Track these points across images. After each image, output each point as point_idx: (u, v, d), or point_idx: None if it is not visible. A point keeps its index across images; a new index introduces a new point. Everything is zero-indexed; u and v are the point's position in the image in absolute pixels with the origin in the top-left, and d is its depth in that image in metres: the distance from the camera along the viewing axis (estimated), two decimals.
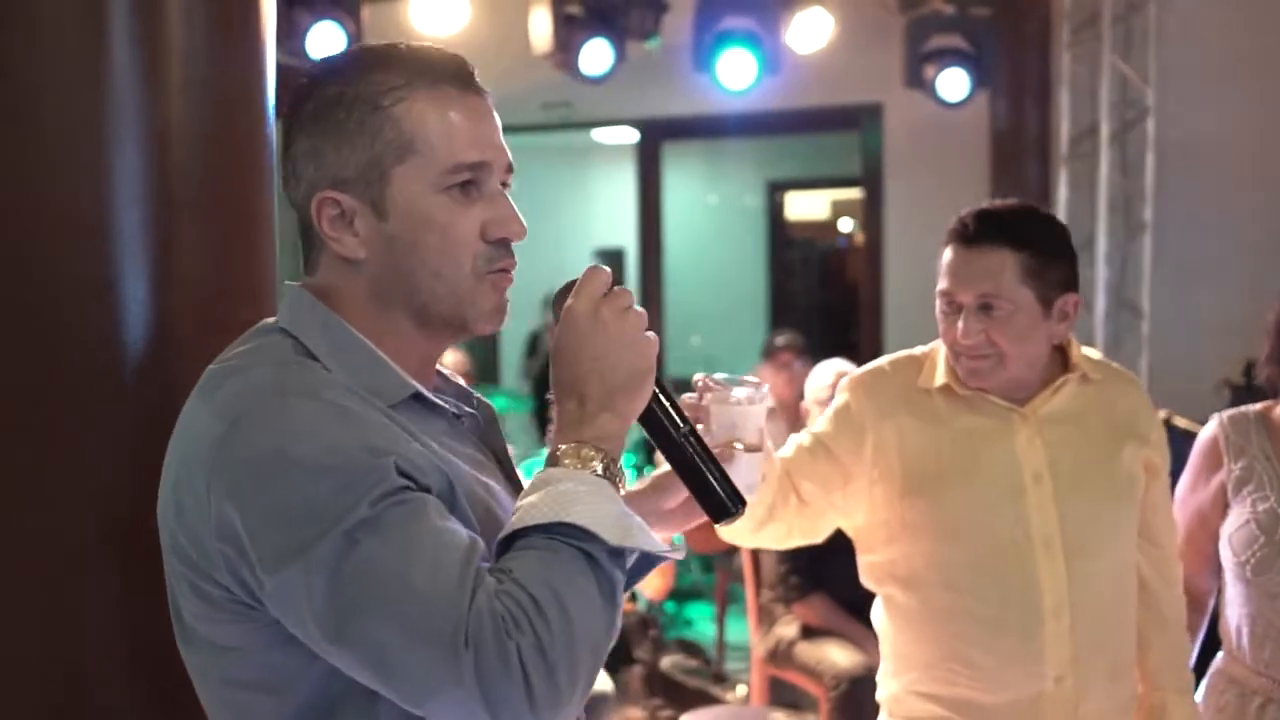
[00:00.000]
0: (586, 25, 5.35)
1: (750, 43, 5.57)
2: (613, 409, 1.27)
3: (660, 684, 5.18)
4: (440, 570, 1.14)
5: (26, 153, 1.65)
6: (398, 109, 1.28)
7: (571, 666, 1.14)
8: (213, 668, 1.28)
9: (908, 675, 2.18)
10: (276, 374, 1.25)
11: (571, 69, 5.42)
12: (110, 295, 1.67)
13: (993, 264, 2.07)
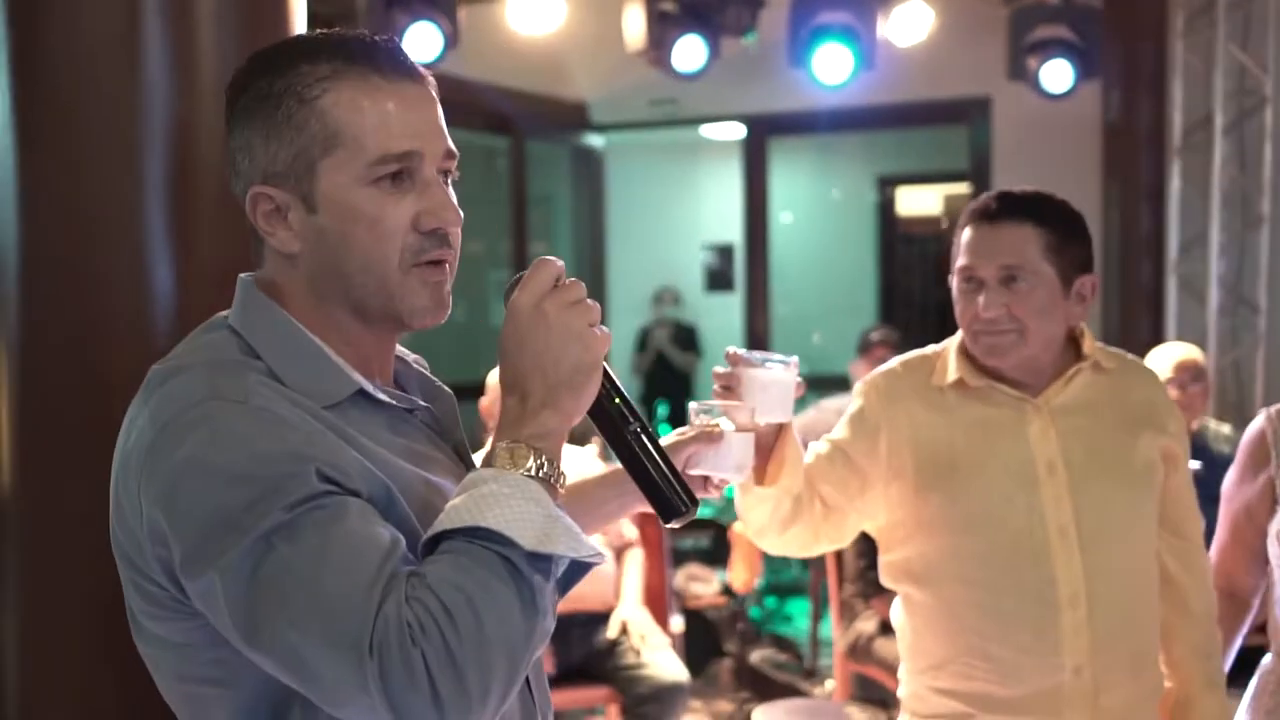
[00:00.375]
0: (680, 22, 5.37)
1: (846, 37, 5.54)
2: (555, 405, 1.23)
3: (749, 677, 5.19)
4: (351, 575, 1.13)
5: (65, 158, 1.76)
6: (324, 100, 1.26)
7: (483, 673, 1.12)
8: (164, 662, 1.29)
9: (926, 672, 2.18)
10: (209, 378, 1.23)
11: (665, 66, 5.45)
12: (139, 286, 1.77)
13: (1016, 238, 2.10)
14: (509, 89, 7.62)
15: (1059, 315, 2.13)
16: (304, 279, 1.30)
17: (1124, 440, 2.16)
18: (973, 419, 2.15)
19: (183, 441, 1.17)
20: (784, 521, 2.09)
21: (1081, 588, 2.08)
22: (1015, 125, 7.08)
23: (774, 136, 7.94)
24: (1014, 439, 2.13)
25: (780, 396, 1.84)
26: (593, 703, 4.33)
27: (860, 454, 2.17)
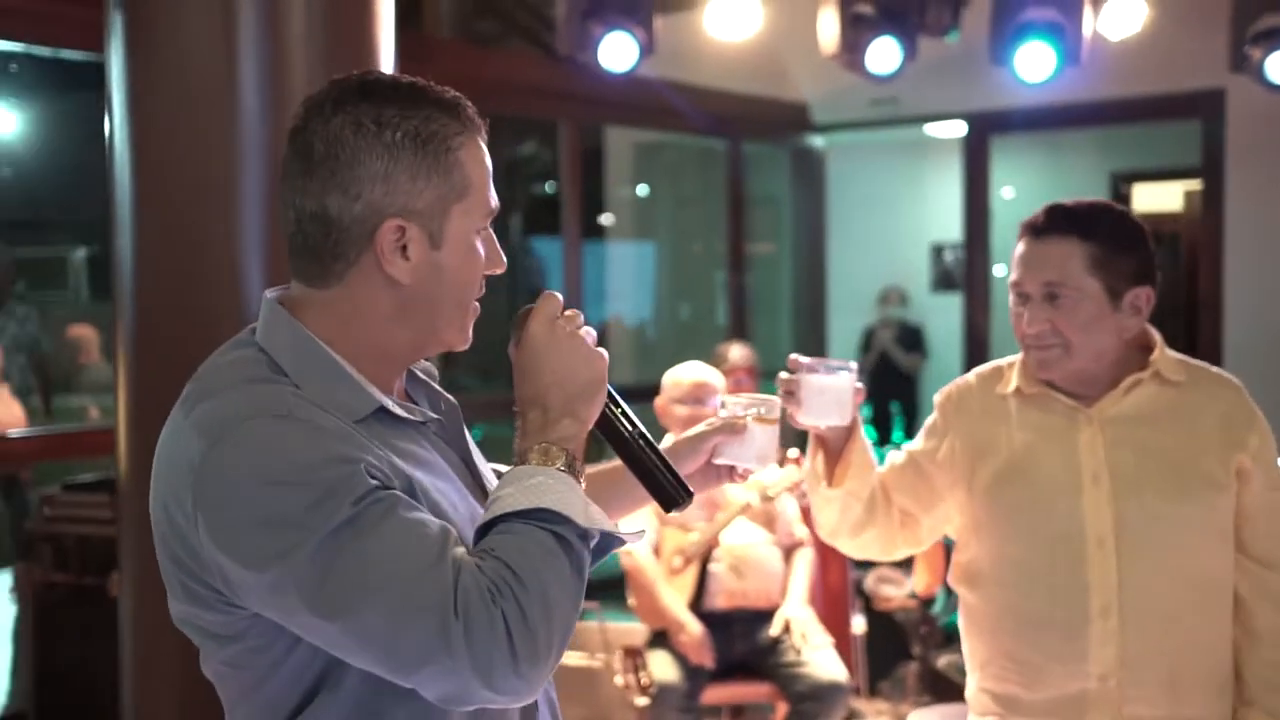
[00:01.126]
0: (873, 24, 5.36)
1: (1049, 34, 5.41)
2: (573, 414, 1.41)
3: (932, 681, 5.16)
4: (421, 554, 1.27)
5: (173, 181, 1.99)
6: (461, 153, 1.42)
7: (548, 632, 1.29)
8: (205, 648, 1.43)
9: (975, 672, 2.24)
10: (250, 395, 1.34)
11: (859, 69, 5.45)
12: (235, 291, 1.98)
13: (1060, 253, 2.10)
14: (728, 92, 7.74)
15: (1107, 328, 2.12)
16: (394, 303, 1.42)
17: (1184, 454, 2.13)
18: (1028, 426, 2.18)
19: (236, 455, 1.29)
20: (855, 526, 2.18)
21: (1114, 599, 2.08)
22: (1250, 118, 6.74)
23: (996, 134, 7.78)
24: (1063, 447, 2.15)
25: (835, 400, 1.96)
26: (754, 698, 4.40)
27: (930, 463, 2.24)
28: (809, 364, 1.98)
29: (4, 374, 5.94)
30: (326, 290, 1.42)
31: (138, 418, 2.05)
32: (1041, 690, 2.12)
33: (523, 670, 1.27)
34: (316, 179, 1.39)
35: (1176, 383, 2.17)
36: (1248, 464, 2.15)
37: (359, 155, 1.38)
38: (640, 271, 9.67)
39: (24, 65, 8.39)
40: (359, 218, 1.38)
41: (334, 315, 1.41)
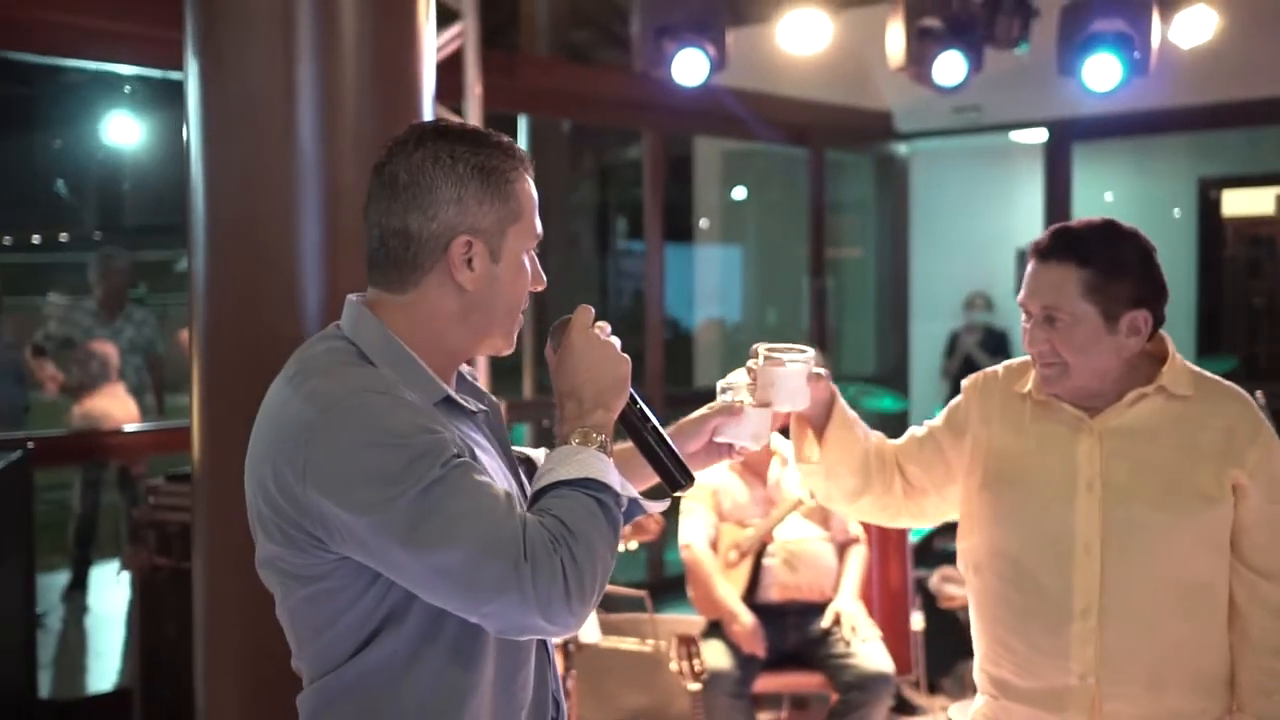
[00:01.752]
0: (939, 38, 5.50)
1: (1116, 45, 5.49)
2: (604, 406, 1.70)
3: None
4: (496, 507, 1.55)
5: (244, 205, 2.25)
6: (516, 185, 1.71)
7: (594, 576, 1.57)
8: (286, 588, 1.67)
9: (978, 653, 2.38)
10: (353, 375, 1.62)
11: (926, 81, 5.59)
12: (293, 300, 2.24)
13: (1057, 279, 2.20)
14: (812, 102, 7.92)
15: (1104, 350, 2.21)
16: (460, 306, 1.69)
17: (1180, 466, 2.21)
18: (1037, 430, 2.30)
19: (346, 422, 1.56)
20: (850, 493, 2.38)
21: (1095, 601, 2.19)
22: None
23: (1078, 141, 7.84)
24: (1063, 454, 2.26)
25: (787, 390, 2.15)
26: (805, 688, 4.59)
27: (949, 444, 2.39)
28: (768, 354, 2.13)
29: (120, 373, 6.36)
30: (404, 295, 1.69)
31: (209, 415, 2.34)
32: (1030, 679, 2.25)
33: (574, 607, 1.55)
34: (400, 202, 1.67)
35: (1184, 396, 2.24)
36: (1243, 479, 2.21)
37: (436, 183, 1.66)
38: (728, 275, 9.88)
39: (139, 85, 8.87)
40: (435, 234, 1.66)
41: (408, 315, 1.68)
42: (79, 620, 6.72)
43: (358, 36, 2.25)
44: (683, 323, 9.62)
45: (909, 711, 5.32)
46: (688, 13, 5.40)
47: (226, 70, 2.26)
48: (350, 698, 1.66)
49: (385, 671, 1.64)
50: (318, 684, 1.68)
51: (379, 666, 1.64)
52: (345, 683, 1.65)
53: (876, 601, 4.87)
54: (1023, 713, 2.27)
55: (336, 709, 1.67)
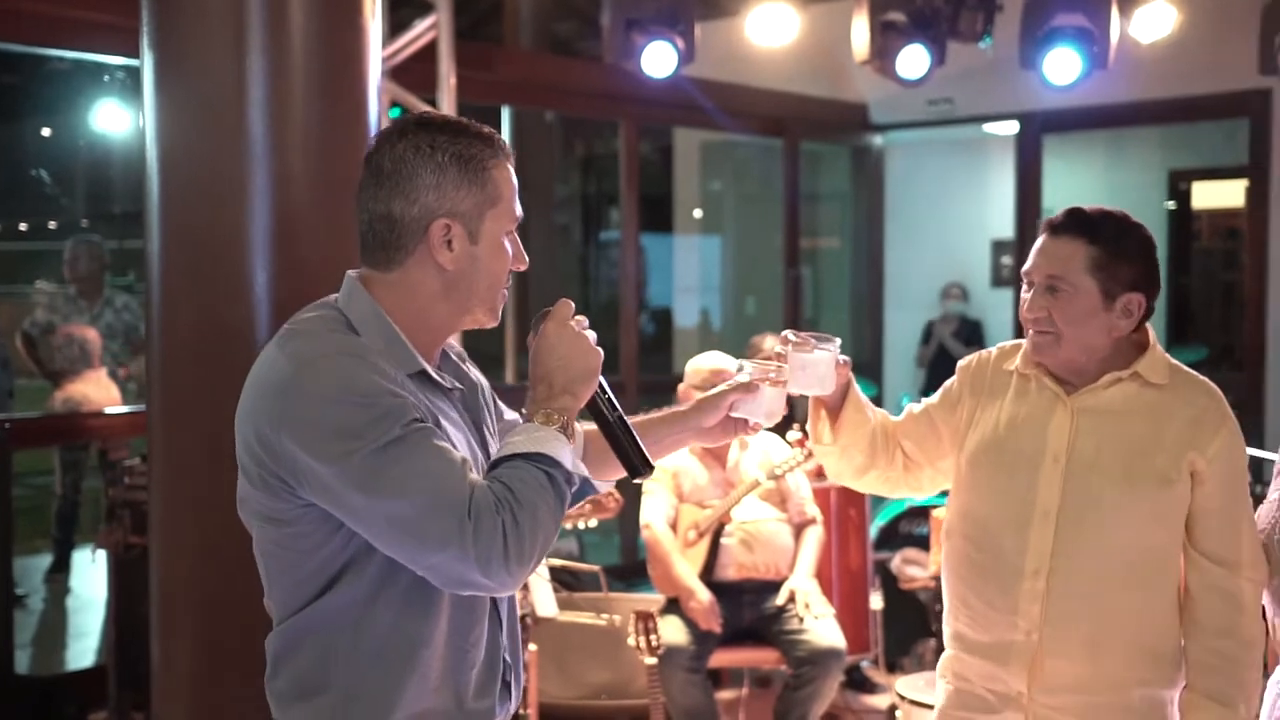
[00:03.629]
0: (903, 31, 5.61)
1: (1076, 40, 5.60)
2: (572, 393, 1.82)
3: None
4: (448, 468, 1.68)
5: (196, 193, 2.37)
6: (494, 172, 1.83)
7: (533, 542, 1.70)
8: (261, 530, 1.83)
9: (946, 610, 2.54)
10: (331, 339, 1.76)
11: (890, 74, 5.70)
12: (244, 286, 2.36)
13: (1066, 251, 2.34)
14: (789, 94, 8.03)
15: (1098, 325, 2.34)
16: (442, 284, 1.83)
17: (1143, 448, 2.34)
18: (1018, 404, 2.45)
19: (318, 378, 1.70)
20: (858, 470, 2.55)
21: (1046, 564, 2.34)
22: None
23: (1049, 134, 7.96)
24: (1037, 427, 2.41)
25: (818, 374, 2.32)
26: (760, 663, 4.72)
27: (942, 420, 2.54)
28: (797, 340, 2.29)
29: (102, 358, 6.48)
30: (390, 274, 1.83)
31: (164, 396, 2.46)
32: (982, 633, 2.42)
33: (511, 567, 1.68)
34: (384, 188, 1.80)
35: (1158, 385, 2.36)
36: (1202, 466, 2.33)
37: (417, 170, 1.80)
38: (707, 265, 9.99)
39: (128, 75, 8.97)
40: (416, 217, 1.80)
41: (394, 292, 1.81)
42: (60, 601, 6.84)
43: (306, 31, 2.37)
44: (662, 311, 9.74)
45: (868, 689, 5.45)
46: (656, 6, 5.50)
47: (180, 62, 2.37)
48: (312, 639, 1.80)
49: (345, 615, 1.79)
50: (284, 625, 1.83)
51: (339, 610, 1.79)
52: (309, 624, 1.80)
53: (836, 582, 5.00)
54: (976, 664, 2.43)
55: (299, 650, 1.81)
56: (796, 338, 2.28)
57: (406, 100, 5.35)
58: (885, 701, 5.20)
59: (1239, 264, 9.17)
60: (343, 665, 1.79)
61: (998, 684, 2.40)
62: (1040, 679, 2.36)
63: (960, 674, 2.47)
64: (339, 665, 1.80)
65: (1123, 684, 2.35)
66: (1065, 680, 2.36)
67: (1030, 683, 2.36)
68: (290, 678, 1.83)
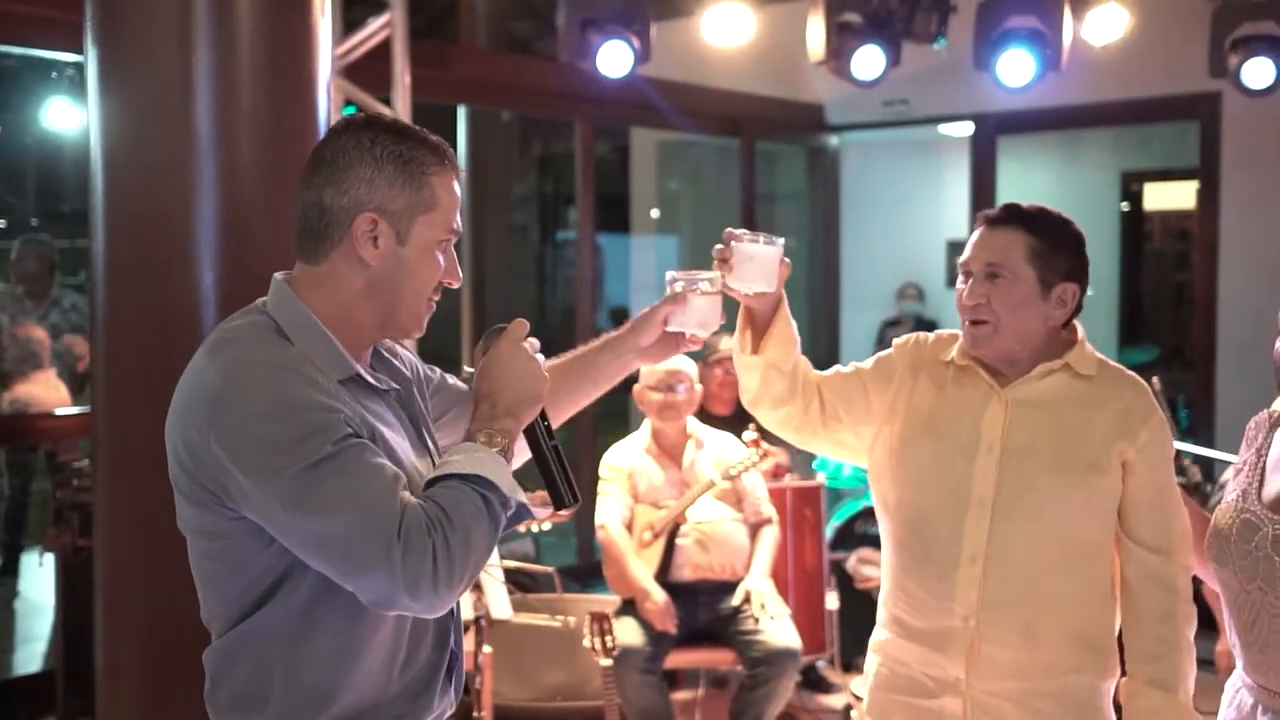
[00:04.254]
0: (858, 32, 5.62)
1: (1030, 42, 5.64)
2: (514, 415, 1.81)
3: None
4: (379, 488, 1.66)
5: (142, 189, 2.34)
6: (434, 179, 1.81)
7: (464, 566, 1.67)
8: (195, 543, 1.80)
9: (883, 593, 2.55)
10: (262, 349, 1.73)
11: (845, 74, 5.71)
12: (191, 284, 2.33)
13: (1005, 240, 2.39)
14: (745, 94, 8.03)
15: (1035, 314, 2.40)
16: (365, 282, 1.80)
17: (1074, 437, 2.40)
18: (953, 394, 2.48)
19: (249, 391, 1.67)
20: (777, 399, 2.51)
21: (982, 551, 2.38)
22: (1244, 120, 6.93)
23: (1003, 135, 8.01)
24: (972, 417, 2.44)
25: (764, 267, 2.31)
26: (715, 664, 4.72)
27: (874, 389, 2.54)
28: (742, 235, 2.28)
29: (49, 359, 6.38)
30: (317, 266, 1.80)
31: (109, 396, 2.42)
32: (920, 620, 2.44)
33: (440, 589, 1.65)
34: (320, 176, 1.79)
35: (1088, 377, 2.43)
36: (1132, 455, 2.39)
37: (353, 162, 1.78)
38: (663, 265, 9.98)
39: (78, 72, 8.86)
40: (344, 207, 1.78)
41: (320, 289, 1.78)
42: (8, 605, 6.75)
43: (253, 27, 2.34)
44: (619, 311, 9.72)
45: (823, 689, 5.47)
46: (612, 5, 5.48)
47: (125, 58, 2.34)
48: (250, 654, 1.77)
49: (282, 628, 1.76)
50: (222, 639, 1.80)
51: (276, 623, 1.75)
52: (245, 638, 1.77)
53: (792, 582, 5.00)
54: (914, 650, 2.45)
55: (237, 665, 1.78)
56: (740, 232, 2.28)
57: (360, 99, 5.31)
58: (841, 701, 5.21)
59: (1190, 265, 9.26)
60: (281, 679, 1.77)
61: (936, 669, 2.42)
62: (977, 665, 2.39)
63: (897, 658, 2.49)
64: (278, 679, 1.77)
65: (1058, 670, 2.40)
66: (1002, 666, 2.39)
67: (968, 669, 2.39)
68: (230, 692, 1.80)
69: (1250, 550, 2.29)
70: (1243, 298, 7.09)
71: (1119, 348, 8.98)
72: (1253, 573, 2.28)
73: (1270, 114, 6.46)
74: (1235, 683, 2.41)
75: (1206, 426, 7.10)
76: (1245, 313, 7.07)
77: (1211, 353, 7.21)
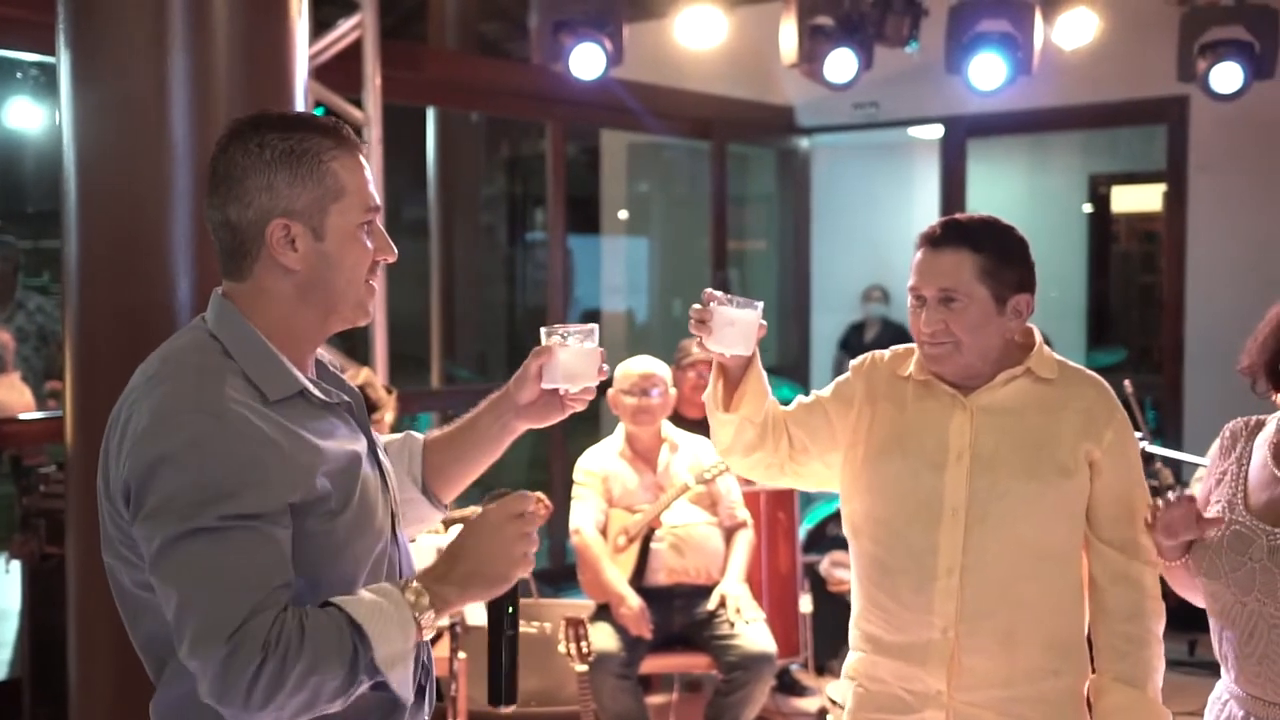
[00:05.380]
0: (831, 36, 5.64)
1: (1001, 46, 5.67)
2: (465, 587, 1.71)
3: None
4: (240, 582, 1.58)
5: (117, 192, 2.30)
6: (334, 164, 1.74)
7: (287, 700, 1.57)
8: (115, 571, 1.75)
9: (855, 612, 2.54)
10: (197, 388, 1.65)
11: (818, 78, 5.72)
12: (167, 288, 2.30)
13: (953, 263, 2.38)
14: (716, 96, 8.03)
15: (993, 330, 2.40)
16: (294, 287, 1.74)
17: (1043, 441, 2.40)
18: (916, 408, 2.48)
19: (168, 438, 1.61)
20: (748, 446, 2.50)
21: (958, 560, 2.38)
22: (1212, 124, 6.98)
23: (974, 138, 8.04)
24: (938, 428, 2.44)
25: (744, 331, 2.30)
26: (691, 668, 4.71)
27: (836, 415, 2.52)
28: (721, 297, 2.28)
29: (14, 362, 6.30)
30: (243, 283, 1.75)
31: (82, 400, 2.38)
32: (896, 634, 2.43)
33: (249, 708, 1.57)
34: (219, 195, 1.73)
35: (1049, 379, 2.44)
36: (1098, 455, 2.41)
37: (246, 173, 1.71)
38: (635, 267, 9.98)
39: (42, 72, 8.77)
40: (252, 221, 1.71)
41: (254, 303, 1.73)
42: None
43: (230, 28, 2.31)
44: (590, 313, 9.70)
45: (797, 692, 5.46)
46: (585, 7, 5.48)
47: (98, 60, 2.30)
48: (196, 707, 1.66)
49: None
50: (162, 692, 1.74)
51: None
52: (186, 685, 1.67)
53: (766, 585, 5.00)
54: (890, 666, 2.43)
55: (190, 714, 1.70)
56: (720, 295, 2.27)
57: (330, 100, 5.27)
58: (815, 704, 5.21)
59: (1156, 267, 9.33)
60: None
61: (916, 683, 2.41)
62: (958, 676, 2.39)
63: (874, 675, 2.47)
64: None
65: (1037, 675, 2.40)
66: (983, 676, 2.39)
67: (949, 680, 2.39)
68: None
69: (1244, 562, 2.29)
70: (1210, 300, 7.14)
71: (1086, 349, 9.03)
72: (1248, 585, 2.29)
73: (1237, 118, 6.52)
74: (1221, 694, 2.41)
75: (1174, 428, 7.15)
76: (1212, 315, 7.13)
77: (1179, 355, 7.26)
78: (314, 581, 1.69)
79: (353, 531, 1.73)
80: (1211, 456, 2.53)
